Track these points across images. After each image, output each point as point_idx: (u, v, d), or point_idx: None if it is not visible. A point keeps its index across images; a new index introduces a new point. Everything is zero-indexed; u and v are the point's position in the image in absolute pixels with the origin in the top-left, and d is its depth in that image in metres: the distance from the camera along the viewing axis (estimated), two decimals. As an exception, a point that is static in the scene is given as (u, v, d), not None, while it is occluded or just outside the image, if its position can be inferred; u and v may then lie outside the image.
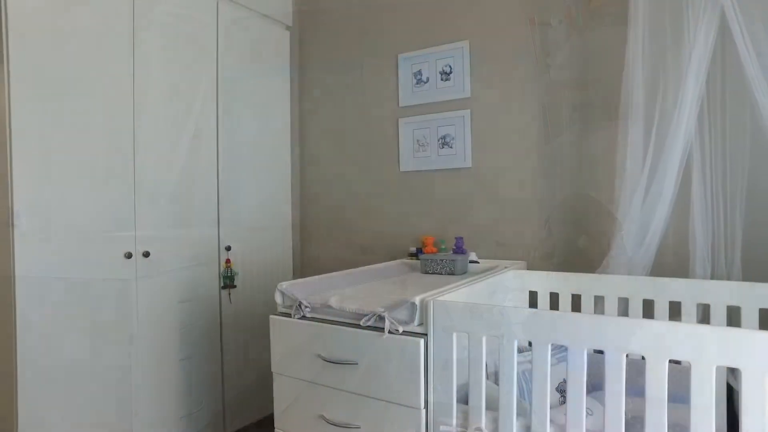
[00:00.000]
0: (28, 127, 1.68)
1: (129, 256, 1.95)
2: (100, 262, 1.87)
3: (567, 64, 2.08)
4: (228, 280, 2.38)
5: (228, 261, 2.39)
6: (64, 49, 1.77)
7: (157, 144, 2.08)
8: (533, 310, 1.12)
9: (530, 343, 1.13)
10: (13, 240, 1.65)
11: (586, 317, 1.06)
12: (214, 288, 2.34)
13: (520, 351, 1.65)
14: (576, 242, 2.08)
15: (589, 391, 1.57)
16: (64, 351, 1.77)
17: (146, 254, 2.01)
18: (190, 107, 2.22)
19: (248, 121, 2.51)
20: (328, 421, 1.47)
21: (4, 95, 1.66)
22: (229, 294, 2.41)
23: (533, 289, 1.88)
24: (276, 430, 1.61)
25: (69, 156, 1.79)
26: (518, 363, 1.49)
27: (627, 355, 1.05)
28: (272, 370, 1.62)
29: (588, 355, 1.62)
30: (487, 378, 1.54)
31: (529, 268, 2.15)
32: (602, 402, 1.06)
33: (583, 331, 1.06)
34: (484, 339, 1.19)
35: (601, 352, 1.08)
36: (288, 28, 2.83)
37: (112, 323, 1.91)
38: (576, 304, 1.81)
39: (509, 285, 1.87)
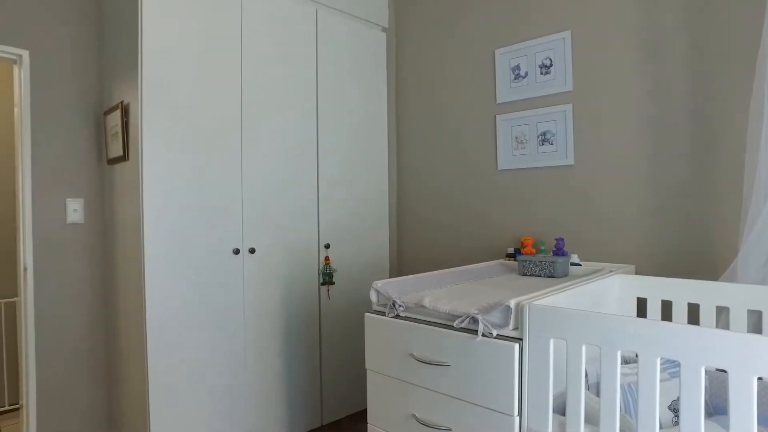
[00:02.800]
0: (155, 137, 1.89)
1: (237, 252, 2.11)
2: (212, 258, 2.05)
3: (683, 48, 1.88)
4: (327, 277, 2.48)
5: (327, 258, 2.49)
6: (184, 61, 1.96)
7: (261, 146, 2.22)
8: (640, 319, 1.03)
9: (637, 355, 1.04)
10: (143, 238, 1.86)
11: (703, 331, 0.94)
12: (314, 284, 2.45)
13: (626, 362, 1.53)
14: (694, 244, 1.87)
15: (710, 414, 1.41)
16: (186, 340, 1.96)
17: (252, 251, 2.16)
18: (291, 110, 2.34)
19: (346, 122, 2.60)
20: (419, 421, 1.47)
21: (138, 108, 1.88)
22: (328, 290, 2.50)
23: (642, 296, 1.72)
24: (369, 425, 1.65)
25: (186, 160, 1.98)
26: (623, 375, 1.39)
27: (760, 378, 0.92)
28: (366, 366, 1.66)
29: (709, 372, 1.46)
30: (588, 389, 1.44)
31: (638, 272, 1.98)
32: (727, 428, 0.94)
33: (700, 347, 0.95)
34: (583, 347, 1.12)
35: (724, 371, 0.96)
36: (384, 29, 2.88)
37: (223, 313, 2.09)
38: (694, 315, 1.63)
39: (615, 290, 1.74)
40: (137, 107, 1.88)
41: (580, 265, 2.00)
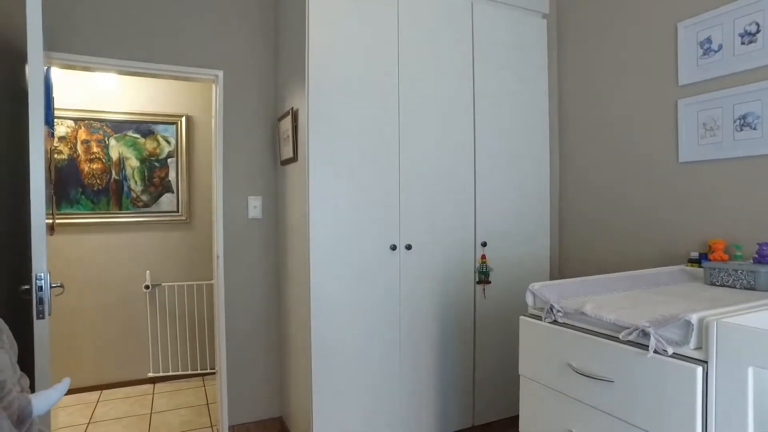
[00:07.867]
0: (320, 139, 2.04)
1: (394, 248, 2.18)
2: (371, 253, 2.15)
3: None
4: (483, 276, 2.43)
5: (483, 257, 2.43)
6: (345, 66, 2.09)
7: (418, 144, 2.26)
8: None
9: None
10: (309, 231, 2.03)
11: None
12: (470, 282, 2.41)
13: None
14: None
15: None
16: (345, 331, 2.10)
17: (408, 247, 2.21)
18: (447, 107, 2.34)
19: (504, 117, 2.50)
20: (577, 439, 1.35)
21: (305, 113, 2.05)
22: (484, 289, 2.45)
23: None
24: (521, 434, 1.56)
25: (348, 159, 2.10)
26: None
27: None
28: (519, 372, 1.58)
29: None
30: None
31: None
32: None
33: None
34: (795, 381, 0.90)
35: None
36: (544, 16, 2.70)
37: (380, 308, 2.18)
38: None
39: None
40: (305, 112, 2.05)
41: (794, 277, 1.63)
